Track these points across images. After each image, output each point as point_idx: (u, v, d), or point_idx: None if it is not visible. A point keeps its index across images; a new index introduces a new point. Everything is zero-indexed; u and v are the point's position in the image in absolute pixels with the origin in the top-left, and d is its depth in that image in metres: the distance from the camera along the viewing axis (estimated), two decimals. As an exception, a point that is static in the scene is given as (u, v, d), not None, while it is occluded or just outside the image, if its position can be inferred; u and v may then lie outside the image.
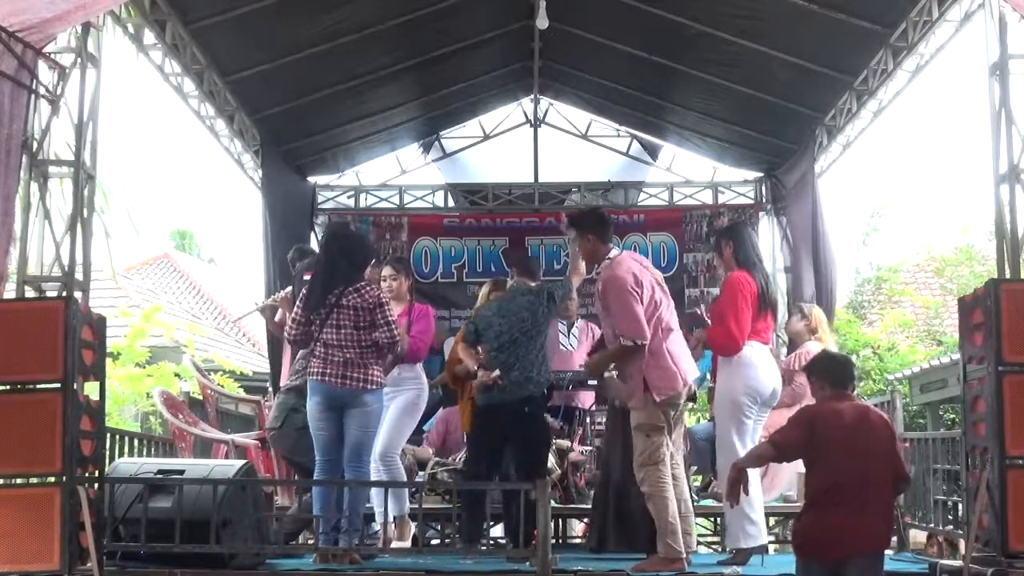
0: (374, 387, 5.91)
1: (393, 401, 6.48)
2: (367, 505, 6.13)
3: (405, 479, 6.88)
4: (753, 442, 6.13)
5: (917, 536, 7.46)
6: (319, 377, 5.87)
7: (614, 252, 6.09)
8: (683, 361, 5.94)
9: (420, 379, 6.86)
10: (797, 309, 7.86)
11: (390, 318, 5.93)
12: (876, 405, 8.48)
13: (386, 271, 6.99)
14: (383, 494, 6.07)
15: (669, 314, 5.96)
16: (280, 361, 8.13)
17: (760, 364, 6.14)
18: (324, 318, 5.90)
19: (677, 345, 5.95)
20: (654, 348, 5.80)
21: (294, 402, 6.53)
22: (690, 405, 6.98)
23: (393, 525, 6.56)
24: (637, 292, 5.78)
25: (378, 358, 5.94)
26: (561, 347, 8.39)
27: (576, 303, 8.43)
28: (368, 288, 5.96)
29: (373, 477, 6.36)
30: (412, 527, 6.66)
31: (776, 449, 5.09)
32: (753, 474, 6.05)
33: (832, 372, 5.10)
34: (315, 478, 6.06)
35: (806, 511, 4.96)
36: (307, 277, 6.82)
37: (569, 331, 8.60)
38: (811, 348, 7.72)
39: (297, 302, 6.12)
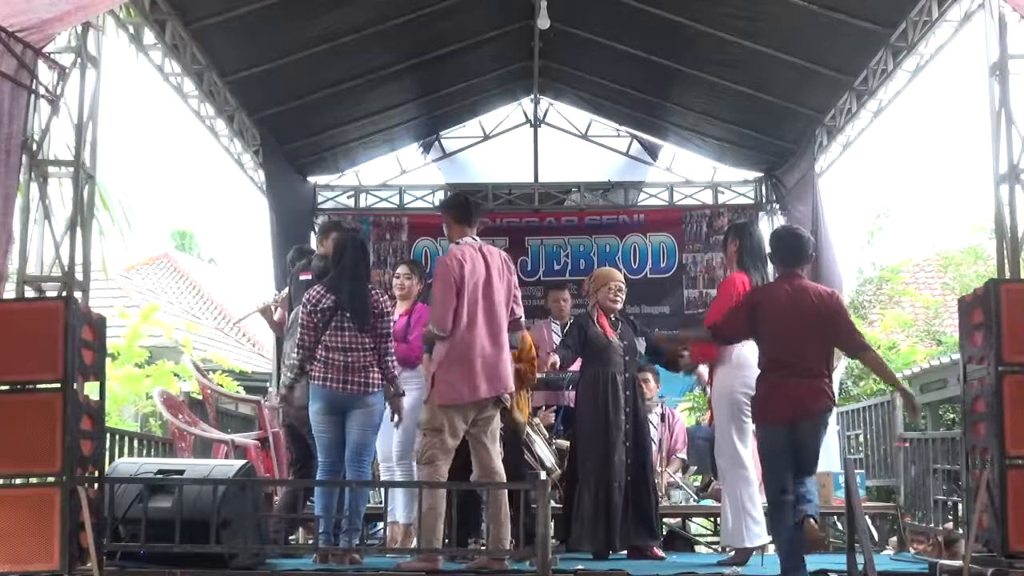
0: (375, 389, 5.93)
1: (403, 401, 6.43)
2: (371, 505, 6.13)
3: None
4: (746, 443, 6.18)
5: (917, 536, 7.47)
6: (320, 382, 5.87)
7: (468, 240, 5.79)
8: (485, 370, 5.59)
9: (422, 379, 6.87)
10: None
11: (389, 331, 6.01)
12: (876, 405, 8.58)
13: (402, 269, 7.01)
14: (386, 494, 6.06)
15: (494, 319, 5.65)
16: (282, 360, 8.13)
17: (756, 364, 6.16)
18: (328, 320, 5.89)
19: (487, 353, 5.61)
20: (450, 350, 5.57)
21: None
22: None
23: (397, 527, 6.56)
24: (457, 284, 5.55)
25: (377, 360, 5.94)
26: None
27: (570, 303, 8.42)
28: (375, 293, 6.00)
29: (387, 478, 6.39)
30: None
31: (716, 334, 5.78)
32: (754, 473, 6.09)
33: (784, 250, 5.60)
34: (317, 479, 6.07)
35: (759, 384, 5.51)
36: (303, 277, 6.82)
37: (562, 330, 8.59)
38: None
39: (303, 307, 6.05)
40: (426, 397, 5.76)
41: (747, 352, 6.04)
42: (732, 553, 6.26)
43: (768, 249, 5.84)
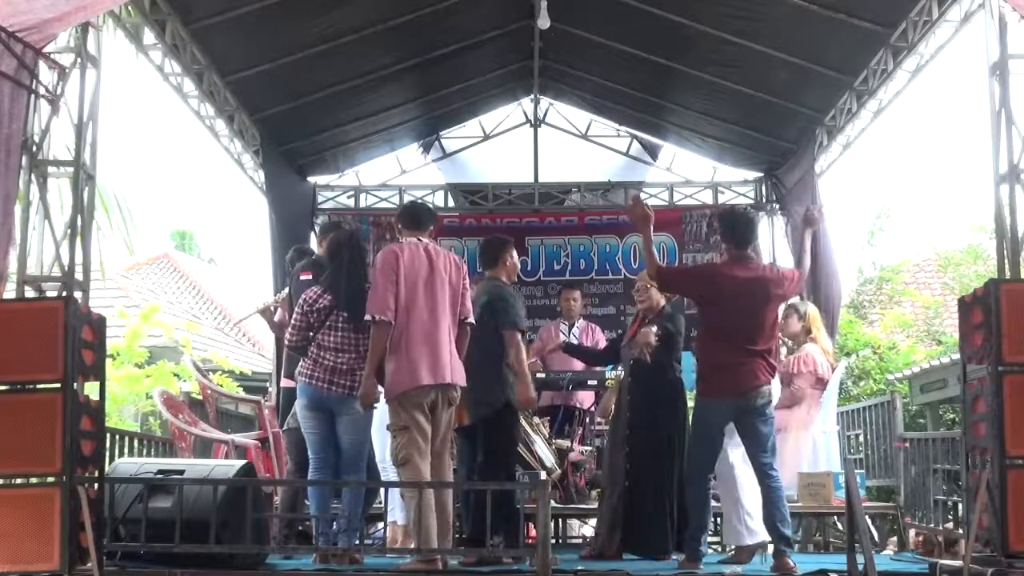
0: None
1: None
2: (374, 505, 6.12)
3: None
4: None
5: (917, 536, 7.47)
6: (307, 379, 5.87)
7: (412, 240, 5.85)
8: (427, 359, 5.56)
9: None
10: (793, 310, 7.71)
11: None
12: (876, 405, 8.57)
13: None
14: (386, 494, 6.05)
15: (435, 312, 5.65)
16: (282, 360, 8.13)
17: None
18: (323, 320, 5.89)
19: (429, 342, 5.60)
20: (392, 341, 5.58)
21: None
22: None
23: (397, 528, 6.56)
24: (395, 273, 5.59)
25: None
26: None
27: (580, 304, 8.42)
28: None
29: (383, 478, 6.37)
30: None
31: (662, 277, 6.18)
32: (750, 472, 6.11)
33: (736, 232, 5.89)
34: (310, 478, 6.06)
35: (709, 364, 5.84)
36: (303, 278, 6.81)
37: (570, 331, 8.60)
38: (809, 350, 7.72)
39: (297, 307, 6.08)
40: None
41: None
42: (733, 552, 6.27)
43: (721, 230, 6.17)
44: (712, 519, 8.23)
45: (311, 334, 5.91)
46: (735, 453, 6.17)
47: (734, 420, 5.85)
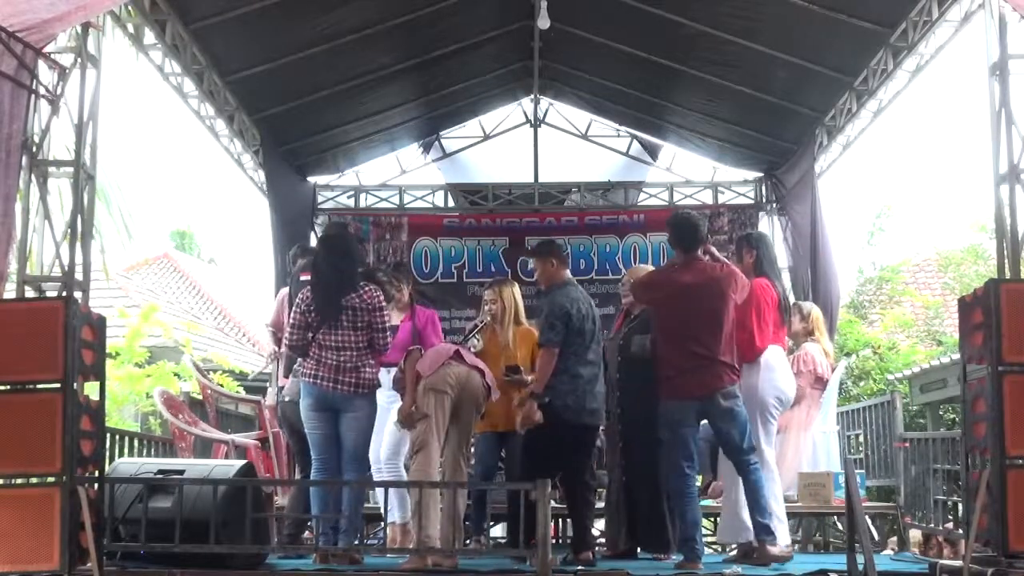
0: (365, 390, 5.89)
1: (393, 405, 6.43)
2: (369, 505, 6.13)
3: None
4: (771, 444, 6.31)
5: (917, 536, 7.47)
6: (311, 379, 5.86)
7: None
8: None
9: None
10: (796, 309, 7.73)
11: (386, 324, 5.97)
12: (876, 405, 8.57)
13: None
14: (386, 495, 6.06)
15: None
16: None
17: (781, 367, 6.31)
18: (320, 320, 5.89)
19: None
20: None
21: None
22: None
23: (395, 528, 6.56)
24: None
25: (371, 359, 5.93)
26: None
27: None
28: (368, 289, 5.95)
29: (377, 479, 6.38)
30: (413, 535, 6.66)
31: (634, 292, 6.39)
32: (775, 472, 6.16)
33: (683, 237, 6.06)
34: (312, 478, 6.07)
35: (667, 366, 5.92)
36: (304, 278, 6.81)
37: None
38: (809, 349, 7.73)
39: (294, 306, 6.07)
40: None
41: (772, 356, 6.23)
42: (735, 551, 6.28)
43: (669, 237, 6.28)
44: (712, 519, 8.29)
45: (310, 334, 5.91)
46: (768, 452, 6.20)
47: (706, 420, 5.95)
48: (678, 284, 5.96)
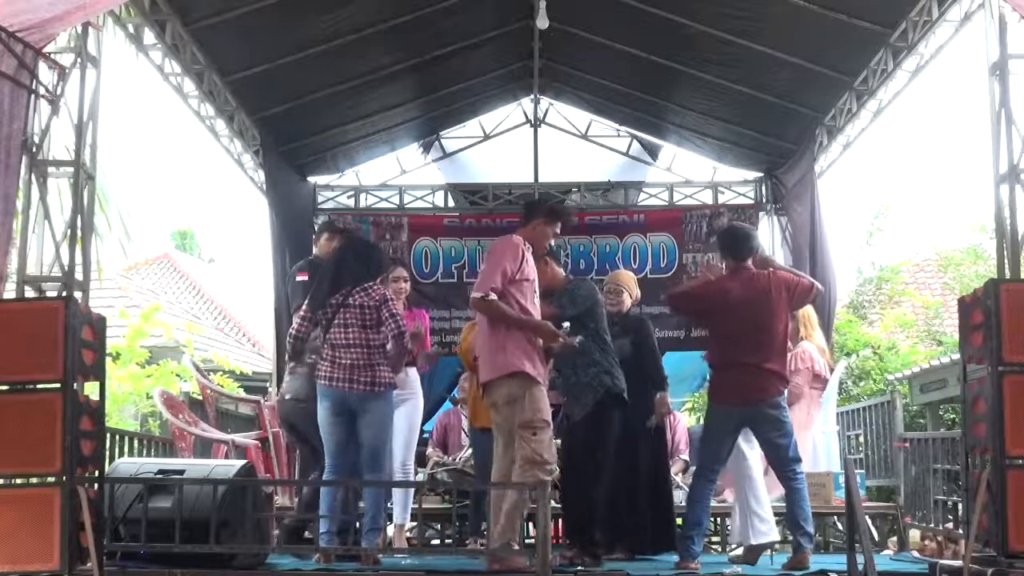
0: (382, 388, 5.85)
1: (397, 410, 6.39)
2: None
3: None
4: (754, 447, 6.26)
5: (916, 536, 7.47)
6: (327, 381, 5.83)
7: None
8: None
9: (416, 383, 6.97)
10: None
11: (395, 311, 5.91)
12: (876, 405, 8.58)
13: (401, 271, 6.99)
14: (396, 496, 6.07)
15: None
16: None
17: None
18: (331, 317, 5.88)
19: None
20: None
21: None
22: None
23: (397, 530, 6.58)
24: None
25: (385, 358, 5.90)
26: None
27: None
28: (374, 287, 5.95)
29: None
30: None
31: (671, 302, 6.91)
32: (758, 472, 6.15)
33: (733, 247, 6.13)
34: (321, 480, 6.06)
35: (716, 372, 6.08)
36: (299, 278, 6.82)
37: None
38: (805, 347, 7.73)
39: (307, 299, 6.08)
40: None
41: None
42: (741, 551, 6.28)
43: (719, 248, 6.38)
44: (712, 519, 8.29)
45: (314, 334, 5.91)
46: (751, 454, 6.21)
47: (749, 427, 5.99)
48: (724, 294, 6.01)
